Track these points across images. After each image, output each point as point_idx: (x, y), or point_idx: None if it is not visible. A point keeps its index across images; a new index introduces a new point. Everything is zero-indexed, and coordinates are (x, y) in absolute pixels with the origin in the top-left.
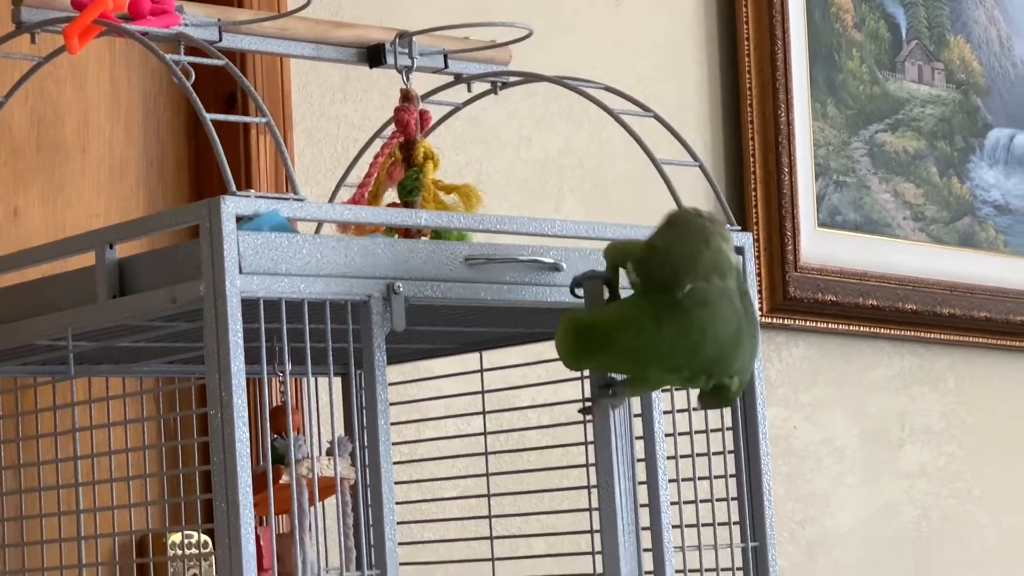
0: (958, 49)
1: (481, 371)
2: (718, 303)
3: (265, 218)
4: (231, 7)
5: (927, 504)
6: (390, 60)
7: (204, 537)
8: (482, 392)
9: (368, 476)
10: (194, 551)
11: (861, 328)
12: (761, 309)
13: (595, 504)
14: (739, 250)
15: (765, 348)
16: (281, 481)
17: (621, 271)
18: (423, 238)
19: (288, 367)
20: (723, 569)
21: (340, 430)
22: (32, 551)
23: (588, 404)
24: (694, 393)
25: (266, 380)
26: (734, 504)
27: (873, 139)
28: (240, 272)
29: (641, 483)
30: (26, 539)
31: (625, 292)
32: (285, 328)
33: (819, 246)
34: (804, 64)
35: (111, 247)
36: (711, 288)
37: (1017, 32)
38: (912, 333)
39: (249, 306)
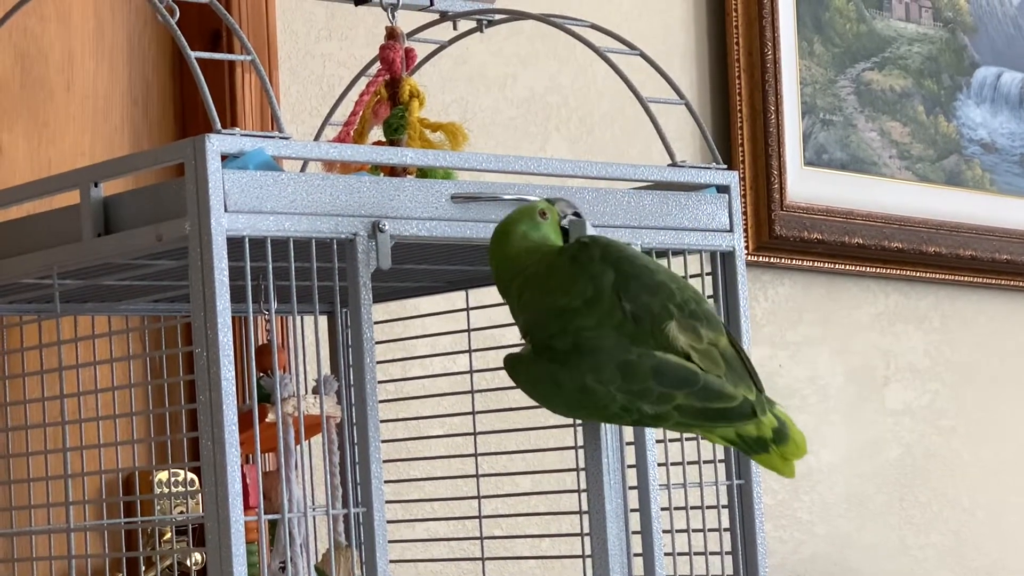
0: None
1: (468, 309)
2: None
3: (250, 156)
4: None
5: (911, 441)
6: None
7: (191, 475)
8: (468, 330)
9: (354, 414)
10: (180, 489)
11: (847, 267)
12: (747, 247)
13: (580, 442)
14: (725, 188)
15: (751, 286)
16: (267, 419)
17: None
18: (409, 176)
19: (274, 305)
20: (708, 507)
21: (326, 368)
22: (19, 489)
23: None
24: None
25: (252, 318)
26: None
27: (860, 77)
28: (225, 210)
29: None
30: (13, 477)
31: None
32: (271, 266)
33: (805, 185)
34: (791, 1)
35: (96, 185)
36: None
37: None
38: (897, 272)
39: (234, 244)
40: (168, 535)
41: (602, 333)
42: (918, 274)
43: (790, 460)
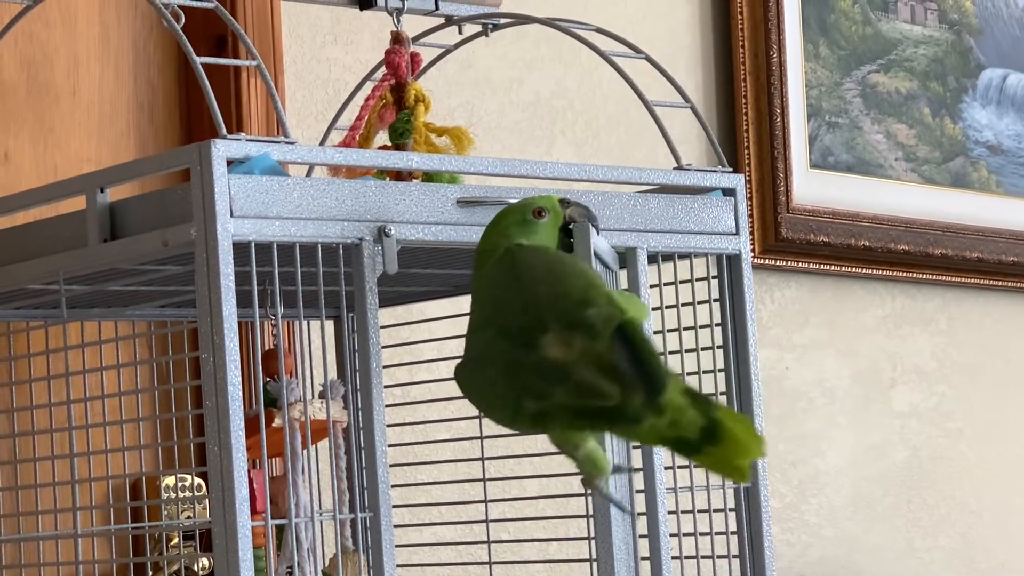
0: None
1: None
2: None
3: (256, 161)
4: None
5: (918, 444)
6: (381, 2)
7: (198, 480)
8: None
9: (360, 419)
10: (188, 494)
11: (853, 269)
12: (753, 250)
13: None
14: (731, 191)
15: (757, 289)
16: (274, 424)
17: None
18: (415, 180)
19: (280, 310)
20: (715, 510)
21: (332, 373)
22: (27, 494)
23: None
24: (688, 336)
25: (258, 323)
26: None
27: (865, 80)
28: (231, 215)
29: None
30: (20, 483)
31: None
32: (277, 271)
33: (811, 187)
34: (796, 4)
35: (102, 191)
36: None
37: None
38: (904, 274)
39: (240, 249)
40: (175, 540)
41: (496, 344)
42: (924, 276)
43: (736, 463)
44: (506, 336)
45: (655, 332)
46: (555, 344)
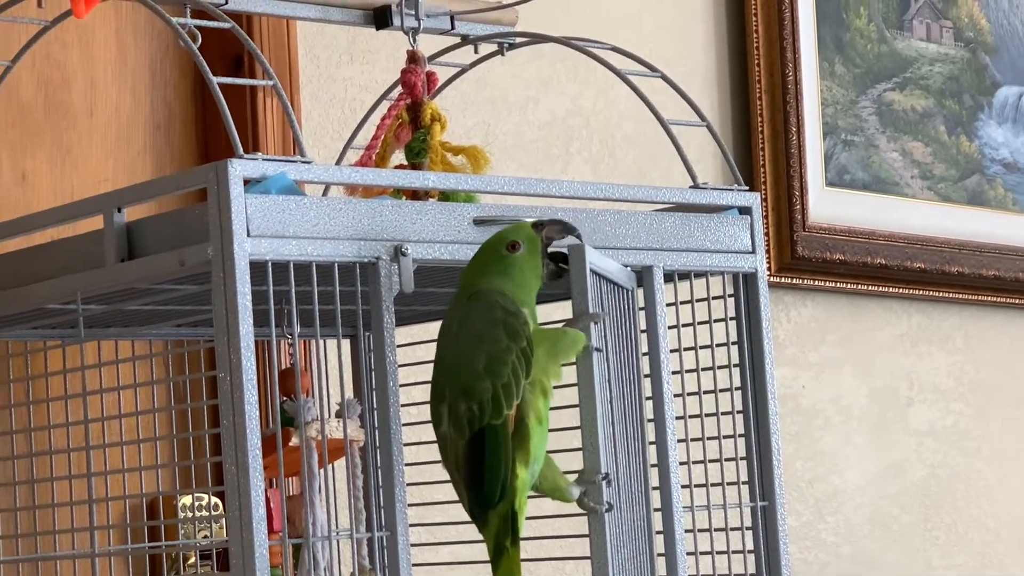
0: (966, 7)
1: None
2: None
3: (272, 181)
4: None
5: (935, 462)
6: (396, 22)
7: (215, 499)
8: None
9: (377, 437)
10: (205, 513)
11: (869, 287)
12: (769, 269)
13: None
14: (747, 210)
15: (774, 308)
16: (291, 443)
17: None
18: (431, 200)
19: (297, 329)
20: (732, 529)
21: (349, 392)
22: (44, 514)
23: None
24: (704, 355)
25: (275, 343)
26: (743, 464)
27: (881, 98)
28: (248, 235)
29: (651, 443)
30: (38, 502)
31: None
32: (293, 291)
33: (827, 205)
34: (812, 23)
35: (119, 211)
36: None
37: None
38: (920, 292)
39: (257, 269)
40: (192, 559)
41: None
42: (941, 294)
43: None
44: (431, 381)
45: (672, 351)
46: (445, 418)
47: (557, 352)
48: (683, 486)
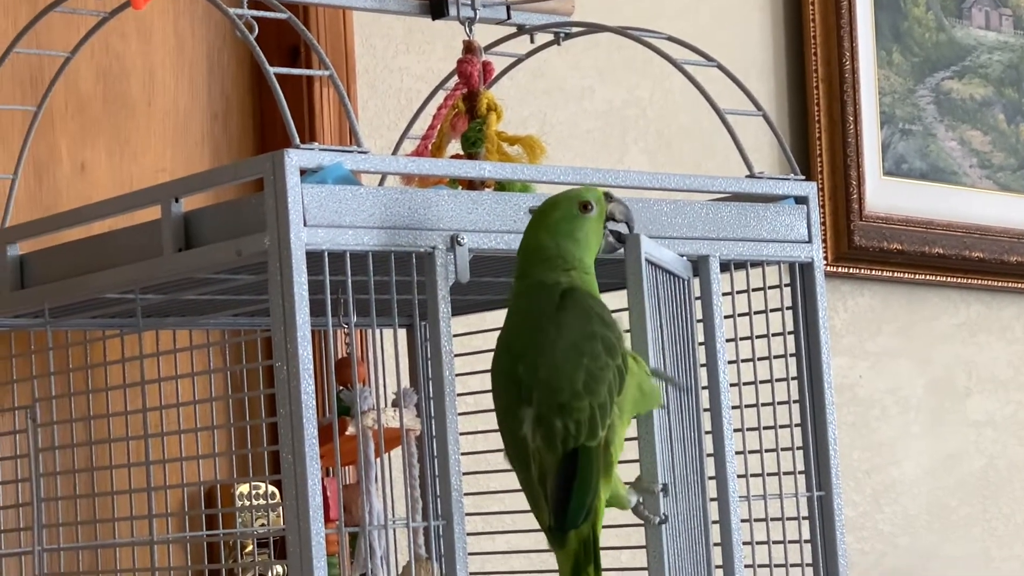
0: None
1: None
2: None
3: (329, 171)
4: None
5: (994, 453)
6: (453, 11)
7: (272, 488)
8: None
9: (434, 427)
10: (261, 502)
11: (927, 277)
12: (826, 258)
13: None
14: (803, 199)
15: (830, 297)
16: (347, 432)
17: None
18: (487, 189)
19: (353, 319)
20: (788, 518)
21: (405, 381)
22: (103, 502)
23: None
24: (760, 345)
25: (331, 332)
26: (799, 453)
27: (939, 87)
28: (304, 225)
29: (707, 432)
30: (97, 490)
31: None
32: (350, 280)
33: (884, 195)
34: (869, 11)
35: (177, 201)
36: None
37: None
38: (978, 281)
39: (314, 258)
40: (249, 548)
41: (500, 361)
42: (1000, 284)
43: None
44: (505, 373)
45: (728, 340)
46: (530, 424)
47: (642, 395)
48: (739, 476)
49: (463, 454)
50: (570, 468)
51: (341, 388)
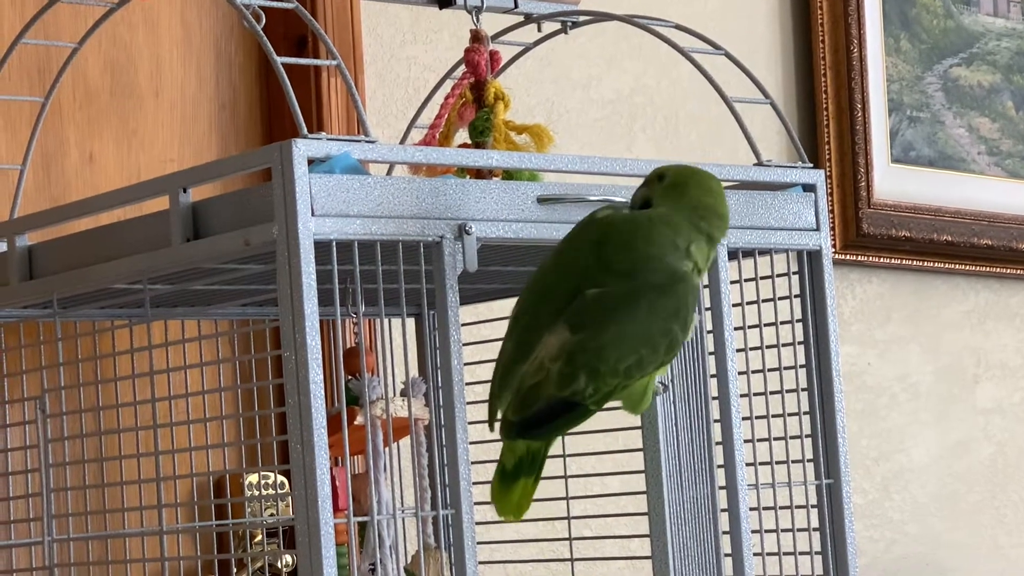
0: None
1: None
2: None
3: (337, 160)
4: None
5: (1003, 440)
6: (460, 0)
7: (280, 478)
8: None
9: (442, 416)
10: (270, 491)
11: (935, 264)
12: (834, 246)
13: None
14: (811, 187)
15: (839, 285)
16: (356, 422)
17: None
18: (495, 178)
19: (361, 308)
20: (797, 507)
21: (414, 371)
22: (112, 492)
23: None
24: (768, 333)
25: (339, 322)
26: (808, 441)
27: (947, 74)
28: (312, 214)
29: (716, 421)
30: (106, 480)
31: None
32: (358, 269)
33: (892, 182)
34: None
35: (185, 191)
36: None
37: None
38: (987, 269)
39: (322, 248)
40: (259, 537)
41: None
42: (1008, 271)
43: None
44: (566, 268)
45: (736, 328)
46: (555, 341)
47: (642, 395)
48: (747, 464)
49: (472, 443)
50: (558, 409)
51: (350, 378)
